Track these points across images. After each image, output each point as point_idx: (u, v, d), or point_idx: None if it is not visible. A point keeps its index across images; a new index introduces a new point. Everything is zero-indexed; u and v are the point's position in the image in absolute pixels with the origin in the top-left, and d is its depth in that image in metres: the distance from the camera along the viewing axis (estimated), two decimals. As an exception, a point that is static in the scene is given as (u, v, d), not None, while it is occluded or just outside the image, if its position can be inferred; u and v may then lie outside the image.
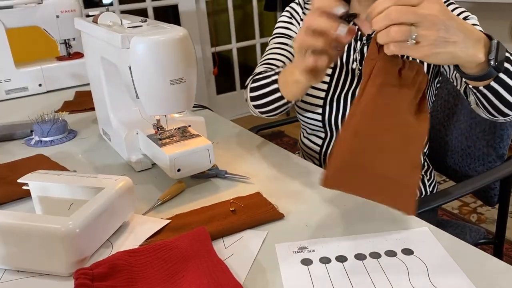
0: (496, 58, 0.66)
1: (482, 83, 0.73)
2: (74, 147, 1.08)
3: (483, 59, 0.65)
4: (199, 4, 3.16)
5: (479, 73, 0.69)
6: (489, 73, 0.69)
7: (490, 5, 2.32)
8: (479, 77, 0.70)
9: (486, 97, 0.77)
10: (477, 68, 0.68)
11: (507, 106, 0.77)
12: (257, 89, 0.97)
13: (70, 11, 1.55)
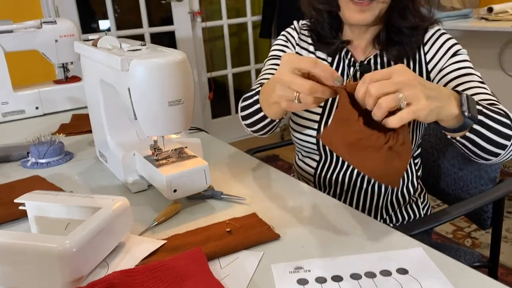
0: (469, 109, 0.72)
1: (458, 134, 0.78)
2: (71, 169, 1.08)
3: (457, 112, 0.71)
4: (196, 31, 3.22)
5: (456, 125, 0.74)
6: (465, 124, 0.74)
7: (479, 33, 2.39)
8: (457, 128, 0.75)
9: (465, 145, 0.81)
10: (454, 121, 0.73)
11: (485, 153, 0.82)
12: (244, 108, 1.01)
13: (69, 35, 1.58)
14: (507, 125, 0.80)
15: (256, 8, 3.50)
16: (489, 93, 0.90)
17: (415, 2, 0.97)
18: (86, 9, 3.54)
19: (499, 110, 0.82)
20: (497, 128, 0.79)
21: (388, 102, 0.61)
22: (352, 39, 1.04)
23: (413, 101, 0.62)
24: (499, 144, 0.80)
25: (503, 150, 0.82)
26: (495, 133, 0.79)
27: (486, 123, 0.77)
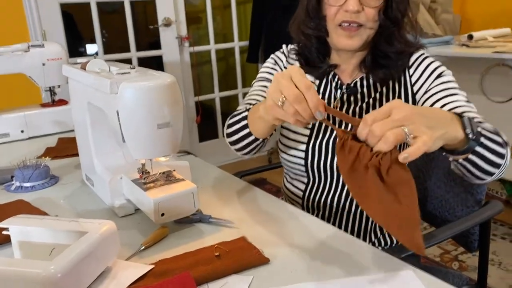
0: (473, 131, 0.73)
1: (462, 156, 0.79)
2: (56, 193, 1.07)
3: (462, 135, 0.72)
4: (183, 55, 3.24)
5: (461, 148, 0.75)
6: (470, 147, 0.75)
7: (461, 59, 2.45)
8: (460, 152, 0.76)
9: (465, 167, 0.82)
10: (459, 144, 0.74)
11: (483, 173, 0.83)
12: (231, 125, 1.02)
13: (56, 59, 1.58)
14: (500, 144, 0.82)
15: (243, 34, 3.55)
16: (475, 111, 0.92)
17: (400, 28, 1.00)
18: (74, 33, 3.55)
19: (491, 128, 0.84)
20: (494, 148, 0.80)
21: (395, 135, 0.61)
22: (339, 63, 1.06)
23: (418, 134, 0.62)
24: (495, 163, 0.82)
25: (497, 169, 0.83)
26: (493, 153, 0.80)
27: (485, 144, 0.79)
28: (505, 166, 0.84)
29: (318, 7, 1.00)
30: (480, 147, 0.78)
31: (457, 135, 0.71)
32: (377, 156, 0.63)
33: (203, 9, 3.35)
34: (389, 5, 0.96)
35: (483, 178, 0.85)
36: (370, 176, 0.64)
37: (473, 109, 0.93)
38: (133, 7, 3.04)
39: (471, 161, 0.80)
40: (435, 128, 0.65)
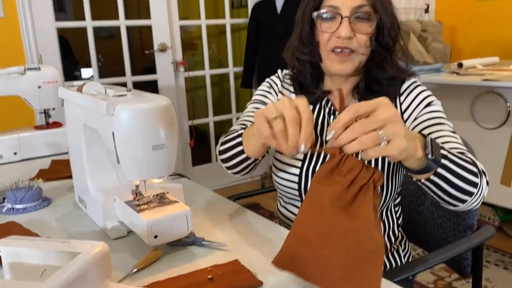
0: (432, 152, 0.75)
1: (423, 176, 0.80)
2: (48, 215, 1.06)
3: (421, 154, 0.73)
4: (178, 80, 3.28)
5: (420, 167, 0.76)
6: (428, 167, 0.77)
7: (451, 86, 2.50)
8: (421, 170, 0.77)
9: (430, 188, 0.83)
10: (418, 162, 0.75)
11: (451, 198, 0.84)
12: (225, 143, 1.02)
13: (52, 82, 1.59)
14: (473, 172, 0.83)
15: (237, 60, 3.61)
16: (459, 142, 0.94)
17: (392, 54, 1.02)
18: (69, 57, 3.59)
19: (466, 157, 0.85)
20: (462, 174, 0.81)
21: (369, 140, 0.63)
22: (333, 88, 1.08)
23: (393, 138, 0.64)
24: (465, 190, 0.82)
25: (469, 197, 0.84)
26: (460, 178, 0.81)
27: (450, 168, 0.80)
28: (479, 195, 0.85)
29: (311, 34, 1.02)
30: (444, 170, 0.79)
31: (416, 153, 0.72)
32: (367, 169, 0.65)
33: (198, 35, 3.40)
34: (380, 31, 0.99)
35: (454, 203, 0.85)
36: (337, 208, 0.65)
37: (457, 140, 0.94)
38: (129, 32, 3.09)
39: (435, 183, 0.81)
40: (407, 138, 0.66)
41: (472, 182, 0.83)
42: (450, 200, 0.84)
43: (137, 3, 4.53)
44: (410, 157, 0.73)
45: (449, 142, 0.92)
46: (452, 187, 0.81)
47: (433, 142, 0.77)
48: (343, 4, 0.95)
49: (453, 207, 0.87)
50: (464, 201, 0.84)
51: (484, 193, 0.86)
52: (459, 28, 4.25)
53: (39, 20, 2.64)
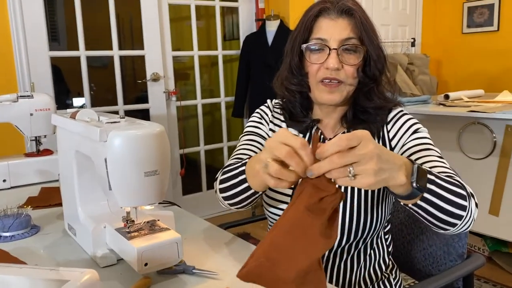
0: (417, 180, 0.76)
1: (410, 201, 0.81)
2: (36, 243, 1.05)
3: (405, 181, 0.74)
4: (170, 109, 3.30)
5: (405, 193, 0.78)
6: (413, 193, 0.78)
7: (438, 117, 2.55)
8: (405, 196, 0.79)
9: (418, 213, 0.84)
10: (402, 189, 0.77)
11: (440, 222, 0.85)
12: (226, 180, 0.98)
13: (44, 109, 1.60)
14: (461, 195, 0.84)
15: (229, 90, 3.65)
16: (447, 166, 0.95)
17: (379, 85, 1.05)
18: (61, 86, 3.60)
19: (454, 180, 0.86)
20: (450, 198, 0.82)
21: (339, 173, 0.66)
22: (322, 117, 1.10)
23: (361, 175, 0.66)
24: (454, 214, 0.83)
25: (459, 220, 0.84)
26: (447, 202, 0.82)
27: (437, 193, 0.81)
28: (469, 218, 0.86)
29: (300, 65, 1.05)
30: (430, 195, 0.80)
31: (400, 182, 0.73)
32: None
33: (191, 66, 3.45)
34: (367, 63, 1.02)
35: (444, 227, 0.86)
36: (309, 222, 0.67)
37: (445, 164, 0.96)
38: (122, 62, 3.12)
39: (422, 207, 0.81)
40: (381, 172, 0.68)
41: (461, 206, 0.83)
42: (440, 224, 0.85)
43: (130, 33, 4.61)
44: (392, 186, 0.74)
45: (437, 166, 0.94)
46: (440, 211, 0.82)
47: (419, 169, 0.78)
48: (331, 36, 0.98)
49: (444, 231, 0.87)
50: (454, 225, 0.85)
51: (473, 216, 0.87)
52: (444, 61, 4.38)
53: (32, 49, 2.67)
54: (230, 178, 0.98)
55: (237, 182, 0.96)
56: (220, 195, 1.02)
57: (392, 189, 0.77)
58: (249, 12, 3.55)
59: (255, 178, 0.90)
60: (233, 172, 0.97)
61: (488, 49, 3.98)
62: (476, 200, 0.88)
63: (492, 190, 2.38)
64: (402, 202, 0.83)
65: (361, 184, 0.67)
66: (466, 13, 4.09)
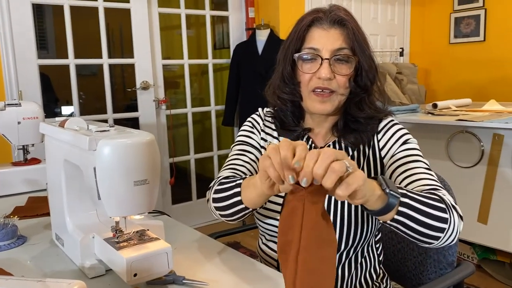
0: (388, 187, 0.78)
1: (388, 216, 0.81)
2: (23, 253, 1.03)
3: (380, 192, 0.76)
4: (160, 117, 3.29)
5: (382, 205, 0.78)
6: (389, 204, 0.78)
7: (427, 126, 2.57)
8: (383, 209, 0.79)
9: (398, 229, 0.84)
10: (379, 201, 0.77)
11: (422, 236, 0.85)
12: (221, 191, 0.97)
13: (32, 118, 1.58)
14: (439, 208, 0.84)
15: (219, 98, 3.65)
16: (433, 179, 0.96)
17: (370, 95, 1.06)
18: (50, 94, 3.57)
19: (434, 194, 0.87)
20: (426, 210, 0.82)
21: (340, 166, 0.65)
22: (313, 126, 1.10)
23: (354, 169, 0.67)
24: (434, 227, 0.83)
25: (441, 233, 0.85)
26: (425, 215, 0.82)
27: (412, 205, 0.81)
28: (452, 230, 0.86)
29: (292, 74, 1.05)
30: (406, 208, 0.81)
31: (374, 192, 0.75)
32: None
33: (181, 74, 3.45)
34: (359, 73, 1.03)
35: (426, 241, 0.86)
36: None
37: (432, 176, 0.96)
38: (111, 70, 3.11)
39: (401, 222, 0.82)
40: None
41: (440, 218, 0.84)
42: (422, 238, 0.85)
43: (120, 41, 4.60)
44: (370, 196, 0.74)
45: (424, 178, 0.95)
46: (419, 225, 0.82)
47: (385, 179, 0.79)
48: (323, 46, 0.99)
49: (428, 245, 0.88)
50: (437, 238, 0.85)
51: (457, 228, 0.87)
52: (432, 71, 4.43)
53: (20, 57, 2.65)
54: (225, 189, 0.96)
55: (230, 195, 0.95)
56: (213, 204, 1.01)
57: (370, 205, 0.77)
58: (239, 21, 3.57)
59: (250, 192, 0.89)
60: (229, 185, 0.96)
61: (475, 59, 4.04)
62: (459, 212, 0.89)
63: (481, 198, 2.40)
64: (381, 219, 0.83)
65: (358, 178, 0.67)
66: (453, 23, 4.16)
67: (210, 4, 3.43)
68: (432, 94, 4.30)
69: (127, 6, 3.02)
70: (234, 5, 3.53)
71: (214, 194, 1.00)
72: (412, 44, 4.36)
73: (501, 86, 3.86)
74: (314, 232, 0.67)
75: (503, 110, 2.63)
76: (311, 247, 0.66)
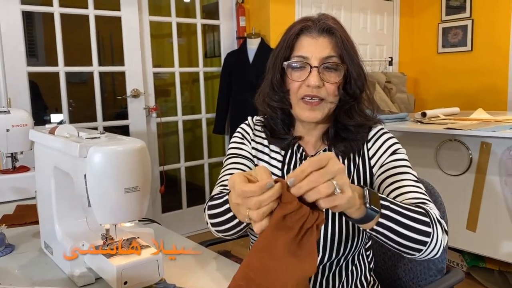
0: (370, 200, 0.78)
1: (367, 226, 0.82)
2: (11, 262, 1.01)
3: (359, 203, 0.76)
4: (150, 125, 3.28)
5: (361, 216, 0.79)
6: (369, 215, 0.79)
7: (416, 134, 2.60)
8: (362, 219, 0.79)
9: (378, 238, 0.85)
10: (359, 212, 0.78)
11: (402, 247, 0.86)
12: (213, 208, 0.96)
13: (21, 125, 1.57)
14: (423, 221, 0.85)
15: (210, 106, 3.66)
16: (421, 191, 0.96)
17: (359, 103, 1.07)
18: (38, 102, 3.55)
19: (417, 208, 0.87)
20: (407, 223, 0.83)
21: (326, 189, 0.65)
22: (303, 134, 1.11)
23: (343, 187, 0.67)
24: (415, 239, 0.84)
25: (423, 246, 0.85)
26: (405, 228, 0.83)
27: (393, 217, 0.82)
28: (435, 244, 0.86)
29: (282, 82, 1.06)
30: (386, 220, 0.81)
31: (356, 202, 0.75)
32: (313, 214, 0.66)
33: (172, 82, 3.45)
34: (347, 81, 1.03)
35: (407, 252, 0.87)
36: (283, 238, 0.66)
37: (419, 189, 0.97)
38: (101, 78, 3.10)
39: (380, 232, 0.82)
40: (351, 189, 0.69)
41: (422, 231, 0.84)
42: (403, 249, 0.86)
43: (110, 49, 4.59)
44: (351, 207, 0.75)
45: (411, 191, 0.95)
46: (399, 237, 0.83)
47: (371, 192, 0.79)
48: (312, 54, 1.00)
49: (410, 256, 0.88)
50: (419, 250, 0.86)
51: (441, 242, 0.88)
52: (421, 80, 4.49)
53: (10, 64, 2.63)
54: (216, 206, 0.95)
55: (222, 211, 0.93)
56: (209, 221, 0.98)
57: (350, 213, 0.77)
58: (230, 30, 3.58)
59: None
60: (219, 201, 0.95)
61: (463, 69, 4.11)
62: (444, 227, 0.90)
63: (469, 206, 2.42)
64: (362, 227, 0.84)
65: (345, 197, 0.67)
66: (441, 34, 4.22)
67: (201, 13, 3.44)
68: (421, 103, 4.35)
69: (118, 14, 3.03)
70: (225, 14, 3.55)
71: (208, 211, 0.98)
72: (401, 53, 4.42)
73: (488, 95, 3.92)
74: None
75: (490, 119, 2.67)
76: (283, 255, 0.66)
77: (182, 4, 3.69)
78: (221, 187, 1.06)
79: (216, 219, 0.95)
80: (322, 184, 0.65)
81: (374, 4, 4.15)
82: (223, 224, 0.94)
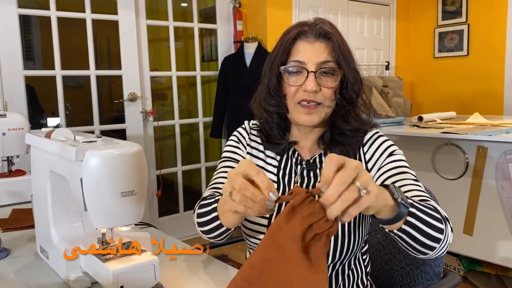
0: (400, 196, 0.78)
1: (395, 226, 0.82)
2: (6, 267, 1.01)
3: (392, 201, 0.77)
4: (147, 129, 3.27)
5: (392, 215, 0.79)
6: (401, 213, 0.79)
7: (413, 138, 2.61)
8: (394, 218, 0.79)
9: (402, 238, 0.85)
10: (390, 211, 0.78)
11: (421, 246, 0.86)
12: (201, 215, 0.98)
13: (18, 129, 1.56)
14: (438, 219, 0.86)
15: (207, 110, 3.66)
16: (422, 190, 0.97)
17: (355, 107, 1.07)
18: (35, 106, 3.54)
19: (429, 205, 0.88)
20: (429, 221, 0.84)
21: (351, 193, 0.64)
22: (299, 139, 1.10)
23: (368, 185, 0.65)
24: (433, 237, 0.85)
25: (437, 244, 0.86)
26: (428, 225, 0.84)
27: (418, 216, 0.82)
28: (446, 241, 0.88)
29: (278, 86, 1.06)
30: (413, 218, 0.82)
31: (387, 201, 0.75)
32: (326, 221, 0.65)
33: (169, 86, 3.45)
34: (344, 86, 1.04)
35: (424, 252, 0.87)
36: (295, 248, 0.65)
37: (420, 188, 0.98)
38: (98, 82, 3.09)
39: (407, 232, 0.83)
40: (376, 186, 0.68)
41: (439, 229, 0.85)
42: (421, 248, 0.86)
43: (107, 53, 4.58)
44: (383, 206, 0.75)
45: (412, 190, 0.96)
46: (422, 235, 0.84)
47: (397, 188, 0.79)
48: (309, 59, 1.00)
49: (423, 256, 0.89)
50: (433, 248, 0.86)
51: (449, 240, 0.89)
52: (418, 84, 4.51)
53: (6, 68, 2.63)
54: (204, 214, 0.97)
55: (210, 219, 0.96)
56: (198, 228, 1.01)
57: (380, 213, 0.77)
58: (227, 34, 3.59)
59: (226, 216, 0.90)
60: (207, 209, 0.97)
61: (459, 73, 4.12)
62: (451, 225, 0.90)
63: (466, 210, 2.43)
64: (388, 228, 0.83)
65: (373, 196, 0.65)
66: (438, 38, 4.25)
67: (198, 17, 3.45)
68: (417, 107, 4.37)
69: (115, 18, 3.03)
70: (222, 18, 3.56)
71: (197, 218, 1.00)
72: (398, 58, 4.43)
73: (484, 99, 3.93)
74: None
75: (486, 123, 2.68)
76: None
77: (179, 8, 3.70)
78: (213, 190, 1.06)
79: (205, 227, 0.98)
80: (346, 190, 0.64)
81: (371, 8, 4.17)
82: (212, 231, 0.96)
